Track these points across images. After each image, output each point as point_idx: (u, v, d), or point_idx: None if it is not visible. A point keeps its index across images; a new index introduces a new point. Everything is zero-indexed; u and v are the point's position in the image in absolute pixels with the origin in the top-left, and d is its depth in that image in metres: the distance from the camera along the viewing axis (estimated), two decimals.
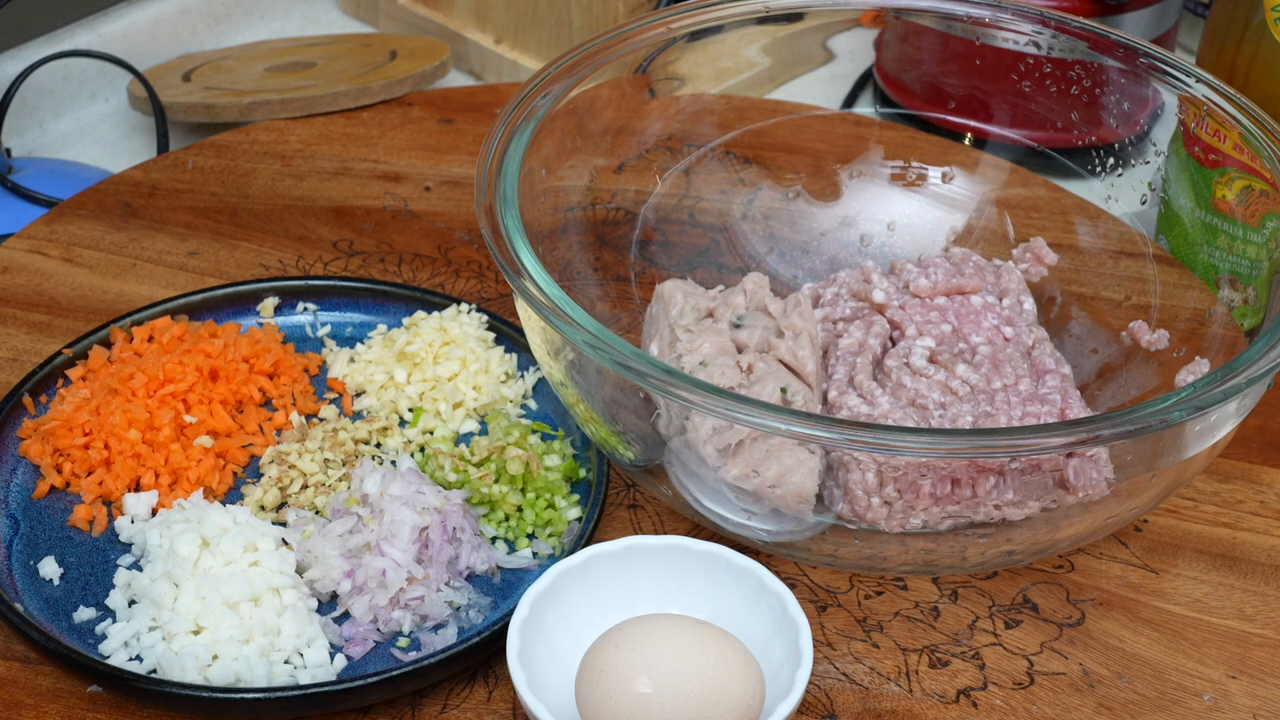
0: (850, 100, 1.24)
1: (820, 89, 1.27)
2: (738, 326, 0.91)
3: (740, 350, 0.90)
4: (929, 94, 1.16)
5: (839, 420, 0.77)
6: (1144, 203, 1.05)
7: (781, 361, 0.89)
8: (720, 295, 0.94)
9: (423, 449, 0.92)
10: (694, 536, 0.83)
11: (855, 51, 1.31)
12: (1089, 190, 1.06)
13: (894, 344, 0.98)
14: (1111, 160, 1.05)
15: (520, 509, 0.88)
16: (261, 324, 0.98)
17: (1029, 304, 1.00)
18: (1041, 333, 0.97)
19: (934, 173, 1.07)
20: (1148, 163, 1.05)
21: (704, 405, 0.76)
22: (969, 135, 1.11)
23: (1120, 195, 1.04)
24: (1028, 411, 0.89)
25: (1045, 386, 0.92)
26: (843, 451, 0.88)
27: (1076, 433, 0.76)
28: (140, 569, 0.84)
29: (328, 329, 0.99)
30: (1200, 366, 0.92)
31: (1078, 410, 0.90)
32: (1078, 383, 0.97)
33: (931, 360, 0.95)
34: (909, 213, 1.07)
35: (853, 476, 0.87)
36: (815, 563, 0.88)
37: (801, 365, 0.89)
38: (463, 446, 0.91)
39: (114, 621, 0.82)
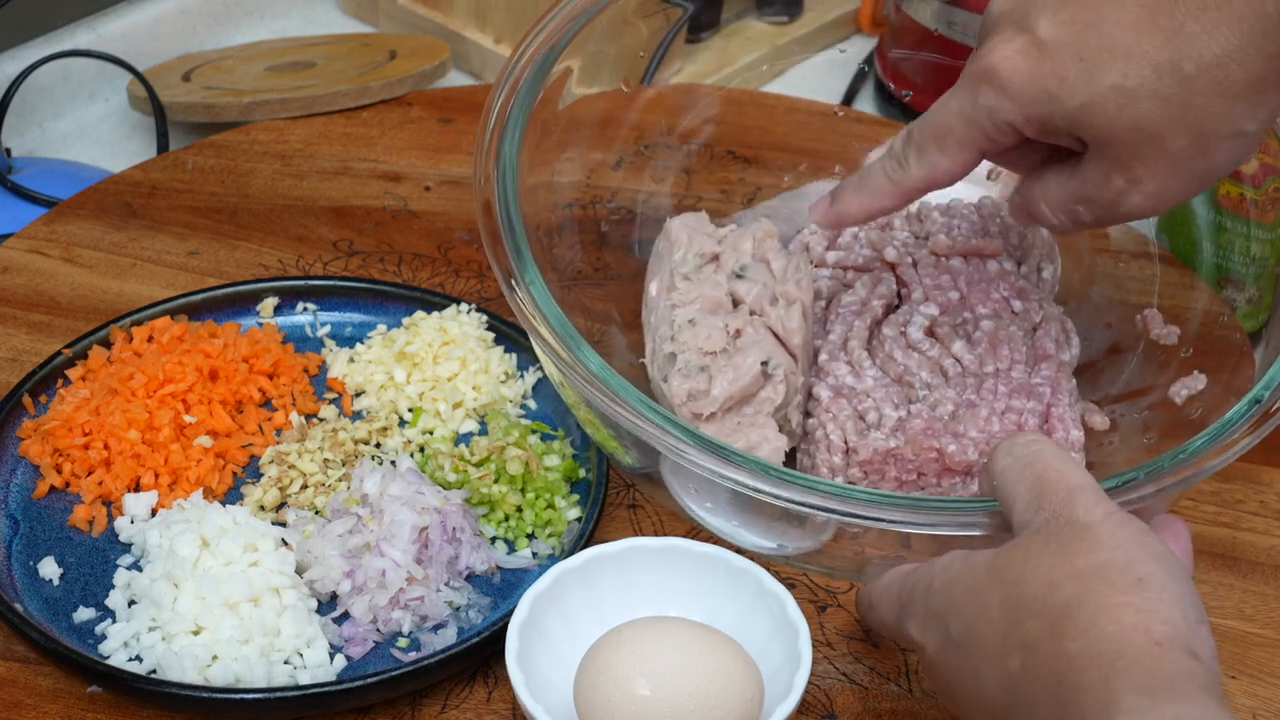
0: (851, 94, 1.24)
1: (821, 79, 1.26)
2: (740, 277, 0.90)
3: (736, 304, 0.90)
4: (931, 89, 1.16)
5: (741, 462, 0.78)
6: None
7: (770, 329, 0.88)
8: (729, 238, 0.92)
9: (422, 449, 0.92)
10: (693, 538, 0.83)
11: (856, 38, 1.31)
12: None
13: (900, 302, 0.96)
14: None
15: (520, 509, 0.88)
16: (261, 324, 0.98)
17: (1049, 272, 0.98)
18: (1052, 309, 0.95)
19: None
20: None
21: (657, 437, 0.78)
22: None
23: None
24: (1010, 405, 0.88)
25: (1038, 376, 0.91)
26: (816, 428, 0.89)
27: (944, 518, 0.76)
28: (140, 569, 0.84)
29: (327, 329, 0.99)
30: (1197, 381, 0.91)
31: (1063, 408, 0.89)
32: (1086, 357, 0.95)
33: (929, 333, 0.93)
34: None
35: (820, 456, 0.87)
36: (832, 574, 0.87)
37: (789, 337, 0.88)
38: (462, 446, 0.91)
39: (114, 622, 0.82)
